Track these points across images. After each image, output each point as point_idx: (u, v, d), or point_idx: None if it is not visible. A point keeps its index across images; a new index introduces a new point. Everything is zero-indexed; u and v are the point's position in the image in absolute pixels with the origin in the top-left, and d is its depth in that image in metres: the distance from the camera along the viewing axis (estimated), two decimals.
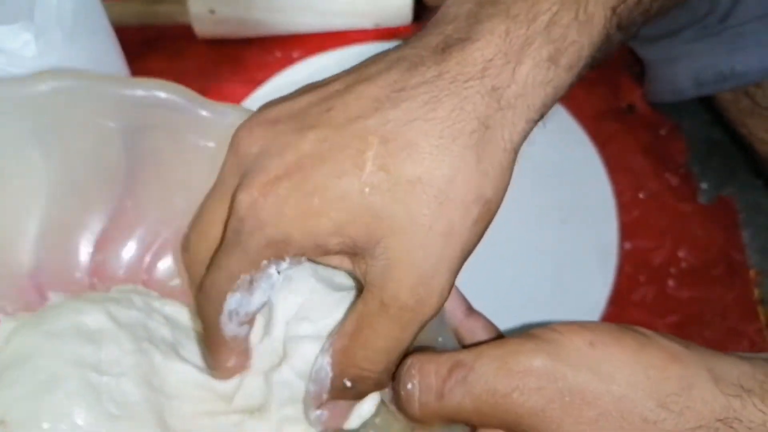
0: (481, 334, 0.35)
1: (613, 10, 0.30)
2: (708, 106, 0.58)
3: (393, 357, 0.29)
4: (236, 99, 0.58)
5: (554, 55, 0.29)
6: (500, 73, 0.28)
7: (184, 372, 0.33)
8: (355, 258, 0.29)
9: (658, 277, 0.52)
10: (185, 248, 0.32)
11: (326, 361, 0.29)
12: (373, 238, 0.28)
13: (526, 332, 0.28)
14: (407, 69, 0.28)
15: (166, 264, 0.36)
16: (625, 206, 0.54)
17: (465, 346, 0.32)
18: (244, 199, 0.28)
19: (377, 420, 0.32)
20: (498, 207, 0.30)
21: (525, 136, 0.30)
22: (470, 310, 0.35)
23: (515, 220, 0.51)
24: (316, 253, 0.29)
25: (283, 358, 0.31)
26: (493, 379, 0.27)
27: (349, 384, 0.29)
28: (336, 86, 0.30)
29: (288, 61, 0.61)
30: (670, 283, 0.52)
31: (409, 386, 0.29)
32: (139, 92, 0.33)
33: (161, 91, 0.33)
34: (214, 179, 0.31)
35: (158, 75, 0.60)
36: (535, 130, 0.55)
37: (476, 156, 0.28)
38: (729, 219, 0.55)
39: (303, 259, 0.29)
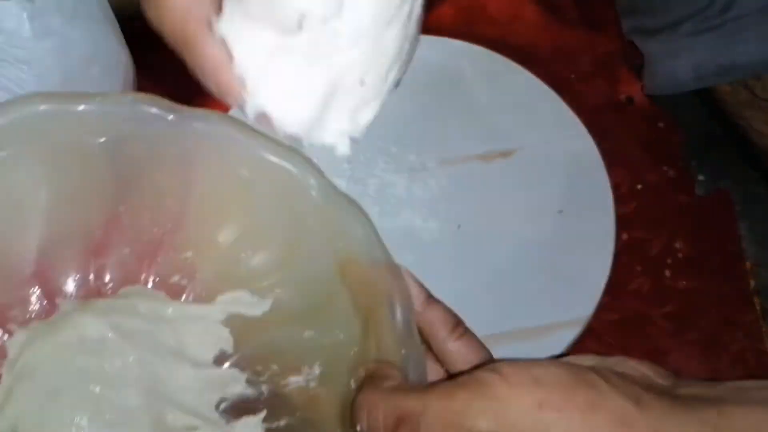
0: (440, 327, 0.34)
1: None
2: (706, 98, 0.59)
3: None
4: None
5: None
6: None
7: (186, 377, 0.34)
8: None
9: (654, 267, 0.53)
10: None
11: None
12: None
13: (475, 375, 0.28)
14: None
15: (165, 262, 0.36)
16: (622, 197, 0.54)
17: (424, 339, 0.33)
18: None
19: None
20: None
21: None
22: (429, 299, 0.35)
23: (514, 210, 0.52)
24: None
25: None
26: (437, 422, 0.27)
27: None
28: None
29: None
30: (667, 273, 0.53)
31: (358, 428, 0.29)
32: (119, 108, 0.35)
33: (141, 104, 0.35)
34: (197, 179, 0.32)
35: (163, 66, 0.61)
36: (535, 119, 0.56)
37: None
38: (726, 211, 0.56)
39: None
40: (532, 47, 0.61)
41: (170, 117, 0.35)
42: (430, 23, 0.61)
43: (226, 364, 0.35)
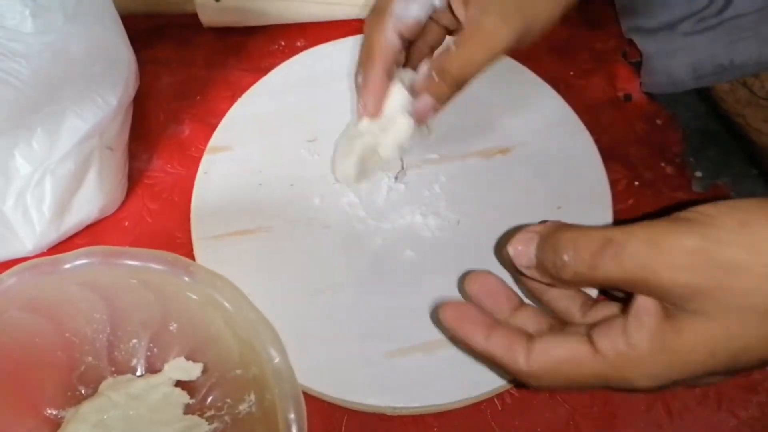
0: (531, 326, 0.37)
1: None
2: (704, 96, 0.59)
3: (472, 70, 0.42)
4: (242, 87, 0.59)
5: None
6: None
7: None
8: None
9: None
10: None
11: (428, 67, 0.44)
12: None
13: (673, 215, 0.30)
14: None
15: (119, 354, 0.46)
16: (620, 194, 0.55)
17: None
18: None
19: None
20: None
21: None
22: (520, 303, 0.38)
23: (513, 207, 0.52)
24: None
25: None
26: (645, 256, 0.29)
27: (436, 78, 0.42)
28: None
29: (292, 51, 0.61)
30: None
31: (566, 257, 0.31)
32: (136, 263, 0.43)
33: (154, 263, 0.43)
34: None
35: (165, 63, 0.62)
36: (534, 116, 0.57)
37: None
38: None
39: None
40: (530, 44, 0.61)
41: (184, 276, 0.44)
42: None
43: (192, 414, 0.44)
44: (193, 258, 0.51)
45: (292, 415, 0.39)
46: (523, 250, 0.34)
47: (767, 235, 0.28)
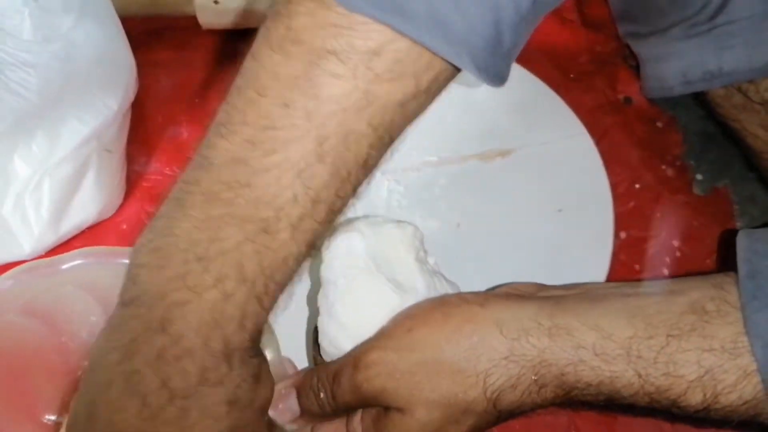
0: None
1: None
2: (702, 100, 0.59)
3: None
4: None
5: None
6: None
7: None
8: None
9: (652, 266, 0.53)
10: None
11: None
12: None
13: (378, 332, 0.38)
14: None
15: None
16: (621, 196, 0.55)
17: None
18: None
19: None
20: None
21: None
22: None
23: (513, 209, 0.52)
24: None
25: None
26: (350, 376, 0.36)
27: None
28: None
29: None
30: (665, 272, 0.53)
31: (322, 395, 0.38)
32: None
33: None
34: None
35: (164, 65, 0.61)
36: (534, 118, 0.56)
37: None
38: (723, 210, 0.56)
39: None
40: (531, 47, 0.61)
41: None
42: None
43: None
44: None
45: None
46: (284, 407, 0.39)
47: (426, 333, 0.36)
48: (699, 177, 0.57)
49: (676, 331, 0.35)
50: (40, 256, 0.51)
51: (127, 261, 0.35)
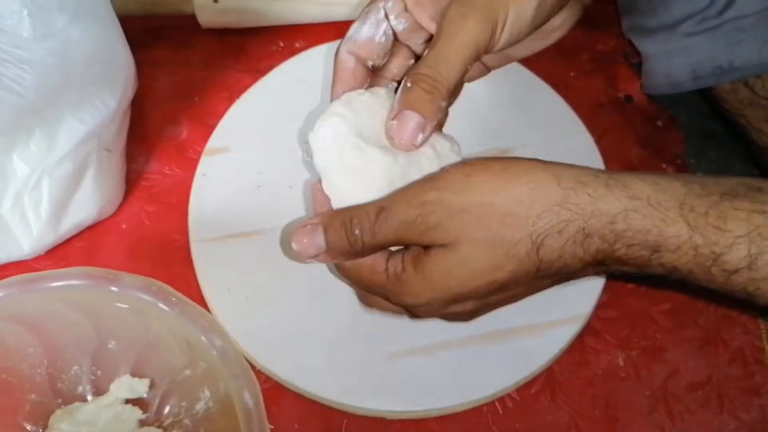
0: None
1: None
2: (706, 96, 0.59)
3: (455, 71, 0.40)
4: (240, 89, 0.58)
5: None
6: None
7: None
8: None
9: None
10: None
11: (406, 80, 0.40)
12: None
13: (426, 176, 0.39)
14: None
15: (63, 382, 0.45)
16: None
17: None
18: None
19: None
20: None
21: None
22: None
23: None
24: None
25: None
26: (404, 213, 0.37)
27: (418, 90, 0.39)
28: None
29: (291, 52, 0.61)
30: None
31: (357, 232, 0.38)
32: (57, 284, 0.41)
33: (76, 280, 0.41)
34: None
35: (163, 64, 0.61)
36: (534, 117, 0.56)
37: None
38: None
39: None
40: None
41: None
42: None
43: (150, 426, 0.44)
44: (191, 261, 0.51)
45: (246, 394, 0.39)
46: (308, 242, 0.39)
47: (485, 179, 0.37)
48: (700, 175, 0.57)
49: (730, 194, 0.36)
50: (40, 256, 0.51)
51: (52, 284, 0.35)
